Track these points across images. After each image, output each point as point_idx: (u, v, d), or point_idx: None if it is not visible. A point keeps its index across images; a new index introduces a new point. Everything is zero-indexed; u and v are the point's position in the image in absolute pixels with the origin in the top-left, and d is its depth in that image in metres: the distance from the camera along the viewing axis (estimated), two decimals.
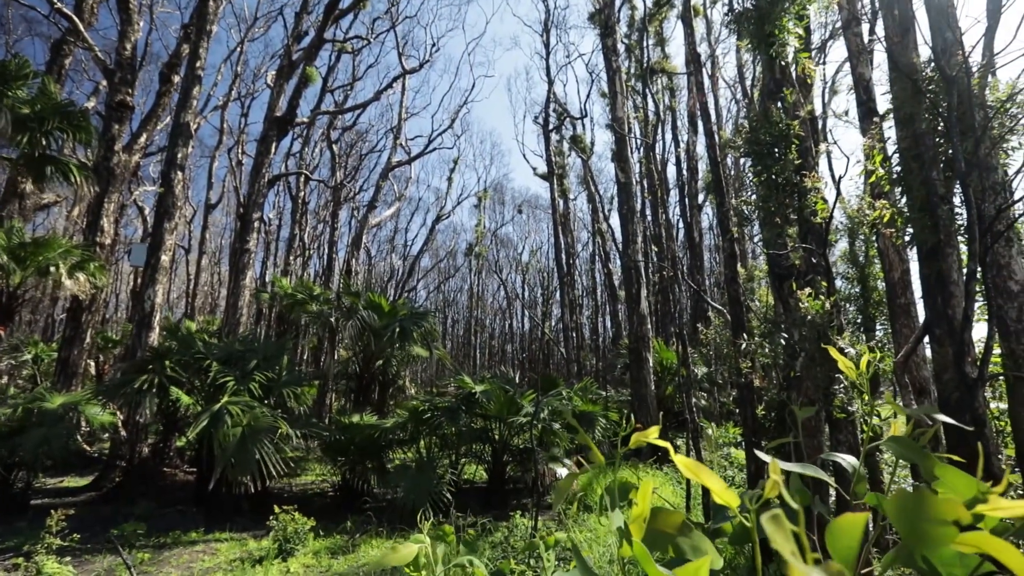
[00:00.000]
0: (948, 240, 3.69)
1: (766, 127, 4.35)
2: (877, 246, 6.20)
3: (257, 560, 5.58)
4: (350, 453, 8.45)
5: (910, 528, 0.49)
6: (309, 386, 9.91)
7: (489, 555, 5.10)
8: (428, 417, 8.54)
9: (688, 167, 17.18)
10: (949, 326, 3.44)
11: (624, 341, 13.89)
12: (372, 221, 23.74)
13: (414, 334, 11.26)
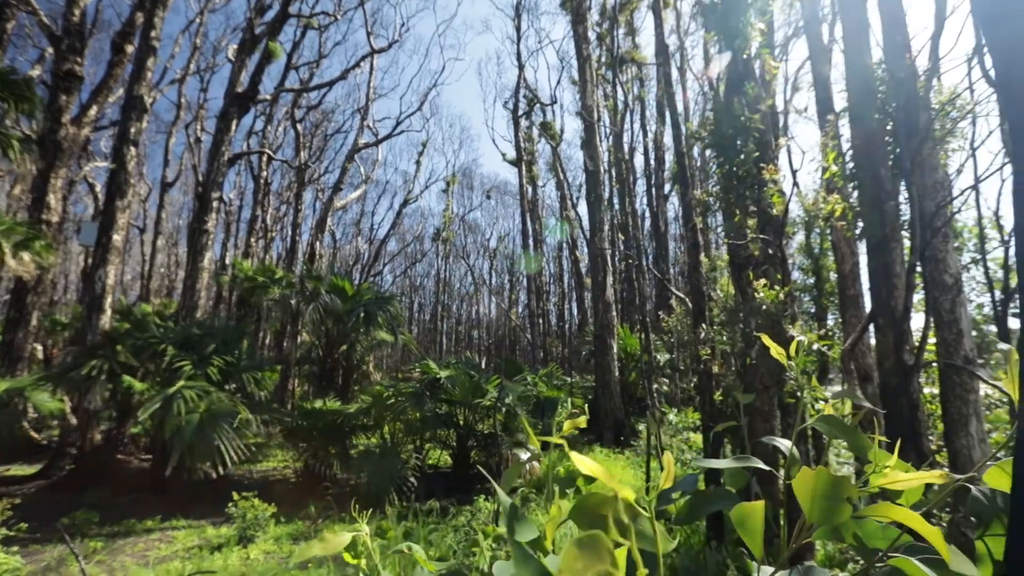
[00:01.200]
0: (893, 235, 3.89)
1: (729, 120, 4.46)
2: (831, 239, 6.48)
3: (216, 547, 5.50)
4: (313, 439, 8.38)
5: (810, 504, 0.54)
6: (271, 371, 9.72)
7: (451, 539, 5.17)
8: (392, 402, 8.53)
9: (656, 157, 17.42)
10: (891, 316, 3.65)
11: (589, 328, 14.12)
12: (337, 203, 23.22)
13: (379, 319, 11.16)
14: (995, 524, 0.82)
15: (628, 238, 11.02)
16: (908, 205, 3.80)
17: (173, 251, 33.23)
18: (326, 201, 21.79)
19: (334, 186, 21.61)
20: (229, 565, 5.02)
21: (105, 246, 9.11)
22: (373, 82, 23.29)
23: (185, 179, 30.43)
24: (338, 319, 11.53)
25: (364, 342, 13.20)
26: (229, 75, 12.43)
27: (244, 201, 29.60)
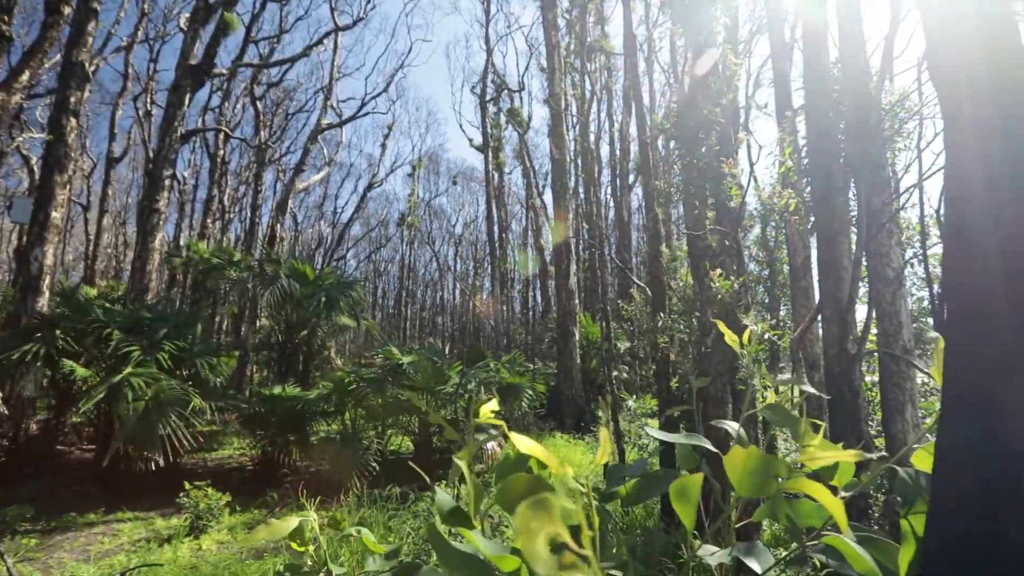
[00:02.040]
0: (842, 229, 4.05)
1: (691, 113, 4.53)
2: (785, 232, 6.71)
3: (165, 539, 5.32)
4: (271, 425, 8.19)
5: (740, 479, 0.56)
6: (227, 356, 9.41)
7: (411, 524, 5.16)
8: (353, 388, 8.43)
9: (621, 148, 17.58)
10: (837, 307, 3.81)
11: (553, 316, 14.25)
12: (299, 185, 22.50)
13: (341, 304, 10.94)
14: (919, 503, 0.87)
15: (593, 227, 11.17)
16: (856, 201, 3.96)
17: (121, 231, 31.54)
18: (287, 182, 21.08)
19: (296, 167, 20.92)
20: (179, 557, 4.86)
21: (43, 224, 8.55)
22: (337, 61, 22.57)
23: (134, 155, 28.88)
24: (298, 304, 11.24)
25: (325, 327, 12.94)
26: (181, 46, 11.79)
27: (200, 180, 28.35)
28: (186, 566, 4.63)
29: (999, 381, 0.77)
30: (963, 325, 0.84)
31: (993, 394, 0.78)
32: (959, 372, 0.80)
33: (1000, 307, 0.82)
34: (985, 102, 0.84)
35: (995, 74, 0.84)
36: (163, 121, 11.12)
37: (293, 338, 12.71)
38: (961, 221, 0.85)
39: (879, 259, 3.97)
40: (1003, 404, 0.77)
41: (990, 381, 0.78)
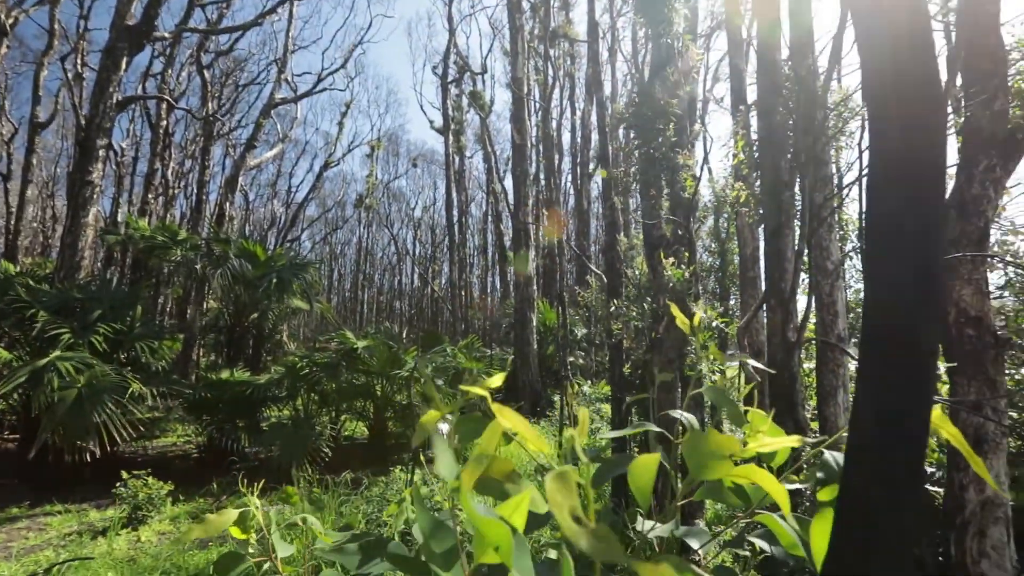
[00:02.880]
0: (787, 222, 4.21)
1: (650, 103, 4.57)
2: (736, 224, 6.93)
3: (100, 532, 5.06)
4: (219, 411, 7.91)
5: (695, 461, 0.56)
6: (171, 340, 8.98)
7: (364, 509, 5.11)
8: (306, 373, 8.23)
9: (582, 136, 17.64)
10: (780, 297, 3.98)
11: (511, 301, 14.29)
12: (251, 162, 21.49)
13: (294, 286, 10.59)
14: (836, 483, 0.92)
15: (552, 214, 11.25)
16: (801, 196, 4.12)
17: (49, 203, 29.35)
18: (238, 158, 20.08)
19: (247, 143, 19.94)
20: (115, 550, 4.63)
21: None
22: (292, 32, 21.53)
23: (63, 121, 26.82)
24: (249, 285, 10.80)
25: (277, 310, 12.53)
26: (116, 4, 10.94)
27: (140, 152, 26.60)
28: (123, 559, 4.42)
29: (904, 368, 0.84)
30: (877, 314, 0.89)
31: (897, 379, 0.85)
32: (871, 358, 0.86)
33: (909, 298, 0.88)
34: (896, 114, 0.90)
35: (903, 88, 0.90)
36: (96, 86, 10.33)
37: (243, 321, 12.25)
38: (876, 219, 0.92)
39: (820, 252, 4.16)
40: (906, 389, 0.84)
41: (896, 368, 0.84)
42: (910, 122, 0.93)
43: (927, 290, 0.89)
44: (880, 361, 0.88)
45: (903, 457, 0.84)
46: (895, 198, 0.96)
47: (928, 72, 0.93)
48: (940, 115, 0.96)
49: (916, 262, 0.90)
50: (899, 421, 0.84)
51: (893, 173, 0.96)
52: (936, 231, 0.97)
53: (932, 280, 0.95)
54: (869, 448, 0.85)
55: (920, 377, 0.86)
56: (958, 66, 4.03)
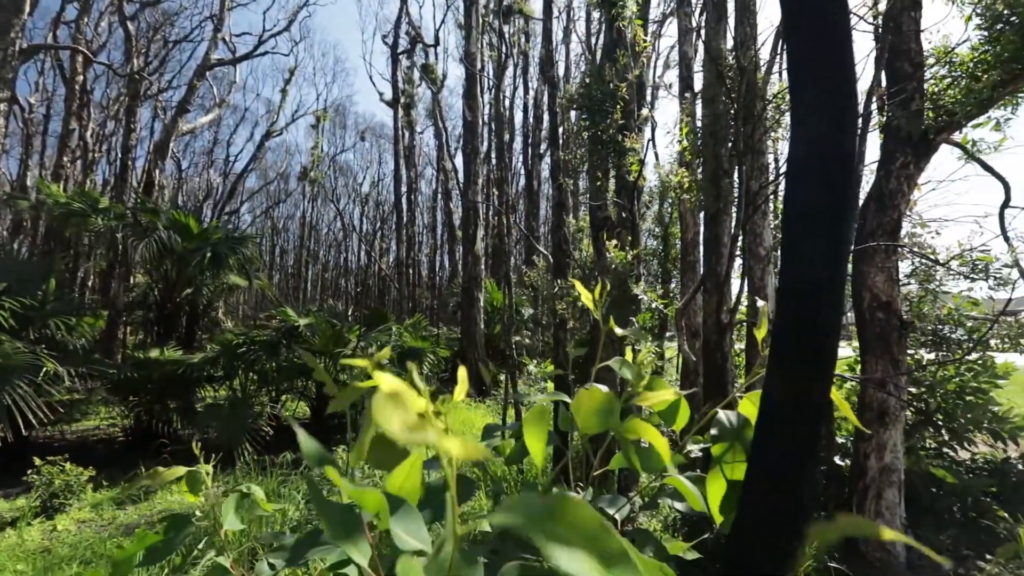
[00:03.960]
0: (725, 209, 4.39)
1: (599, 84, 4.61)
2: (679, 209, 7.16)
3: (8, 522, 4.71)
4: (147, 392, 7.48)
5: (581, 417, 0.59)
6: (92, 317, 8.37)
7: (304, 490, 5.02)
8: (244, 352, 7.92)
9: (535, 116, 17.59)
10: (716, 281, 4.17)
11: (458, 280, 14.21)
12: (184, 127, 20.05)
13: (230, 261, 10.08)
14: (736, 443, 0.99)
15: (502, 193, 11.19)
16: (739, 183, 4.30)
17: None
18: (169, 122, 18.67)
19: (179, 105, 18.55)
20: (27, 541, 4.33)
21: None
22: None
23: None
24: (180, 259, 10.17)
25: (212, 286, 11.90)
26: None
27: (53, 110, 24.25)
28: (35, 550, 4.14)
29: (810, 348, 0.92)
30: (788, 297, 0.97)
31: (804, 358, 0.93)
32: (782, 338, 0.93)
33: (817, 282, 0.95)
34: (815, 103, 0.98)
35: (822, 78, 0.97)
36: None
37: (174, 297, 11.56)
38: (792, 205, 1.00)
39: (754, 238, 4.38)
40: (810, 367, 0.93)
41: (803, 347, 0.92)
42: (825, 112, 1.00)
43: (834, 275, 0.97)
44: (789, 341, 0.96)
45: (806, 427, 0.92)
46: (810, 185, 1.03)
47: (845, 65, 0.99)
48: (852, 107, 1.03)
49: (825, 249, 0.98)
50: (804, 395, 0.92)
51: (809, 161, 1.03)
52: (847, 218, 1.05)
53: (839, 266, 1.04)
54: (777, 419, 0.93)
55: (823, 355, 0.94)
56: (883, 66, 4.30)
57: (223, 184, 33.13)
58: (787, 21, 1.03)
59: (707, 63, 4.83)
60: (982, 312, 4.28)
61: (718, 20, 5.04)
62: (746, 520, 0.89)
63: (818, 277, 0.95)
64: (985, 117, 3.96)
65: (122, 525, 4.71)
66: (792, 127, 1.03)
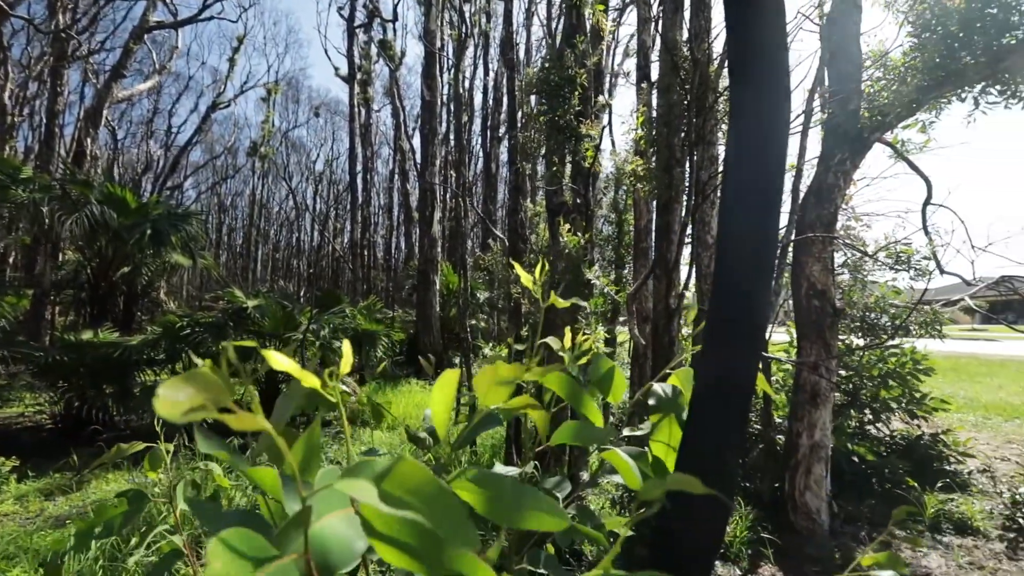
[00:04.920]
0: (676, 197, 4.52)
1: (558, 69, 4.62)
2: (633, 197, 7.30)
3: None
4: (80, 376, 7.07)
5: (481, 390, 0.62)
6: (14, 296, 7.82)
7: None
8: (188, 334, 7.60)
9: (494, 98, 17.41)
10: (665, 267, 4.30)
11: (414, 263, 14.05)
12: (119, 93, 18.71)
13: (172, 238, 9.58)
14: (671, 416, 1.06)
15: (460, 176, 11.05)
16: (689, 173, 4.43)
17: None
18: (101, 87, 17.35)
19: (113, 69, 17.28)
20: None
21: None
22: None
23: None
24: (116, 236, 9.57)
25: (153, 265, 11.29)
26: None
27: None
28: None
29: (740, 330, 0.99)
30: (722, 282, 1.03)
31: (737, 336, 1.00)
32: (715, 321, 1.00)
33: (749, 268, 1.02)
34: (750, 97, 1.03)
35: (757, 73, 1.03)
36: None
37: (109, 276, 10.88)
38: (727, 195, 1.06)
39: (702, 226, 4.54)
40: (740, 348, 1.00)
41: (734, 330, 0.99)
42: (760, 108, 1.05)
43: (762, 261, 1.03)
44: (721, 322, 1.02)
45: (735, 403, 0.99)
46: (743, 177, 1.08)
47: (779, 64, 1.05)
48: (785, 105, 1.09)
49: (758, 235, 1.04)
50: (733, 374, 0.99)
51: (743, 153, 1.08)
52: (775, 208, 1.11)
53: (767, 253, 1.10)
54: (708, 395, 0.99)
55: (752, 338, 1.01)
56: (825, 66, 4.50)
57: (164, 157, 31.30)
58: (727, 20, 1.07)
59: (663, 53, 4.91)
60: (904, 301, 4.62)
61: (675, 11, 5.12)
62: (673, 495, 0.95)
63: (748, 263, 1.02)
64: (913, 119, 4.23)
65: (51, 517, 4.47)
66: (730, 120, 1.08)
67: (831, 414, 4.09)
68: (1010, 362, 13.16)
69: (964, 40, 3.59)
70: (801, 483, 3.96)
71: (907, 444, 4.65)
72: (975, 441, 5.63)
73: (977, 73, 3.59)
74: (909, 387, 4.69)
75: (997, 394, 8.79)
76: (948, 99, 4.11)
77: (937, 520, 3.73)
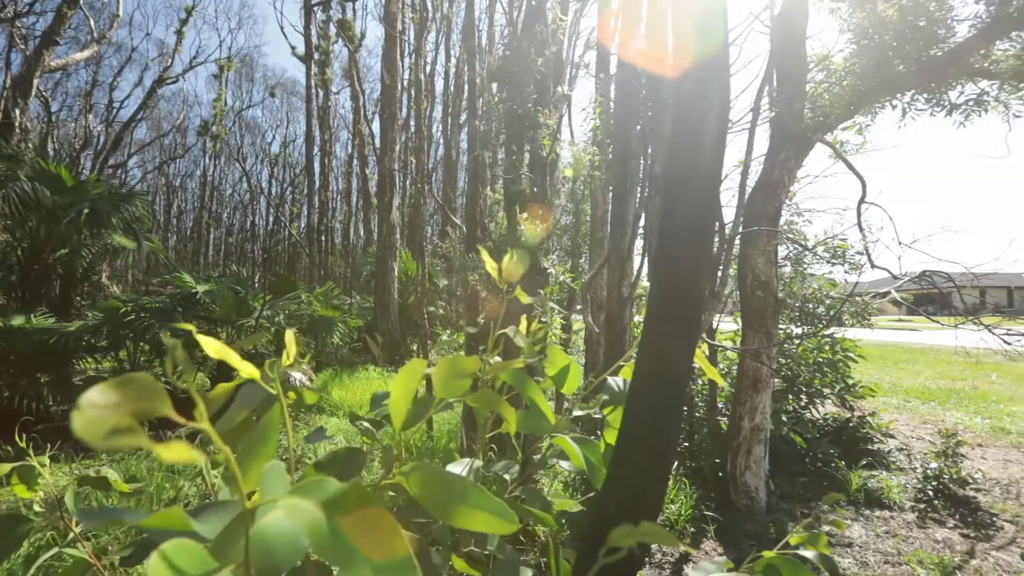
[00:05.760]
0: (631, 188, 4.64)
1: (518, 58, 4.63)
2: (591, 187, 7.42)
3: None
4: (10, 364, 6.69)
5: (440, 382, 0.65)
6: None
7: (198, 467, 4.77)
8: (132, 319, 7.29)
9: (455, 84, 17.20)
10: (619, 257, 4.42)
11: (373, 249, 13.83)
12: (52, 62, 17.44)
13: (114, 220, 9.11)
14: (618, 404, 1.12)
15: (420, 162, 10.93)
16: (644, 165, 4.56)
17: None
18: (31, 54, 16.13)
19: (44, 35, 16.07)
20: None
21: None
22: None
23: None
24: (50, 215, 9.01)
25: (93, 247, 10.68)
26: None
27: None
28: None
29: (677, 317, 1.05)
30: (661, 269, 1.09)
31: (674, 321, 1.06)
32: (655, 309, 1.06)
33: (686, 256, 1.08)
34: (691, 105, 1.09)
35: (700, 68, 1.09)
36: None
37: (43, 258, 10.24)
38: (666, 186, 1.12)
39: (655, 218, 4.68)
40: (678, 331, 1.06)
41: (671, 317, 1.05)
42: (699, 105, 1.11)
43: (699, 249, 1.10)
44: (660, 308, 1.08)
45: (672, 386, 1.05)
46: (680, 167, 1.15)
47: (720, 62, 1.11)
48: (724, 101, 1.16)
49: (696, 223, 1.10)
50: (670, 360, 1.05)
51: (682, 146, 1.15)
52: (713, 197, 1.18)
53: (706, 241, 1.17)
54: (647, 379, 1.05)
55: (689, 324, 1.07)
56: (774, 66, 4.68)
57: (105, 133, 29.50)
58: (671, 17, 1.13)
59: (621, 45, 5.00)
60: (839, 292, 4.92)
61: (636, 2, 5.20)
62: (615, 470, 1.01)
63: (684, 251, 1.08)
64: (851, 121, 4.48)
65: None
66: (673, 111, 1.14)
67: (771, 399, 4.33)
68: (929, 350, 14.23)
69: (897, 49, 3.82)
70: (742, 463, 4.18)
71: (837, 427, 4.97)
72: (896, 423, 6.08)
73: (907, 81, 3.83)
74: (841, 375, 5.01)
75: (917, 379, 9.51)
76: (882, 104, 4.36)
77: (860, 495, 4.03)
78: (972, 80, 3.70)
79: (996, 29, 3.27)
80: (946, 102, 3.83)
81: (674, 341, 1.04)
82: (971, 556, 3.15)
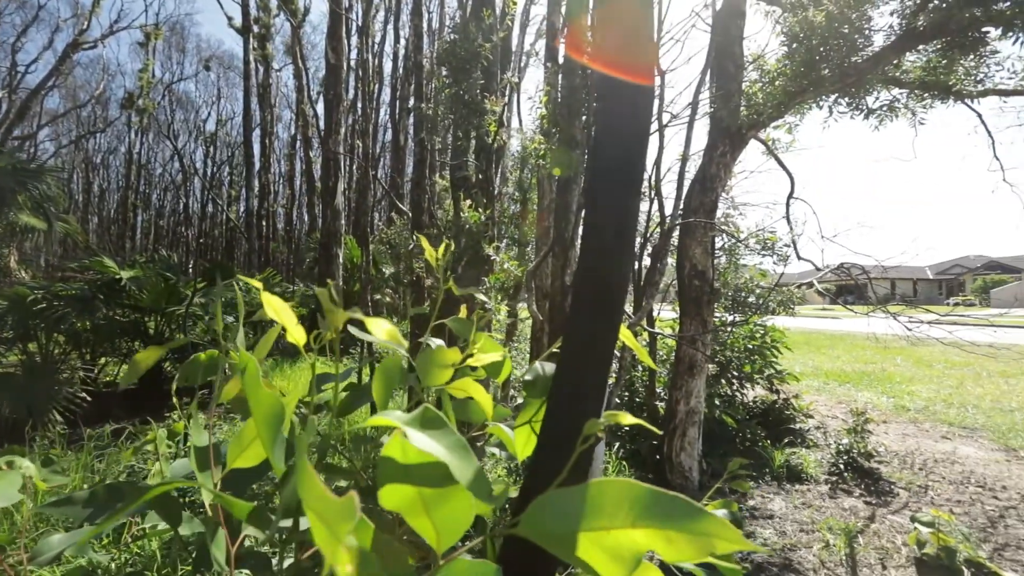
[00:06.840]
0: (574, 178, 4.71)
1: (465, 43, 4.58)
2: (538, 176, 7.47)
3: None
4: None
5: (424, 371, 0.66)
6: None
7: (127, 461, 4.50)
8: (44, 308, 6.71)
9: (404, 67, 16.79)
10: (563, 245, 4.50)
11: (317, 235, 13.36)
12: None
13: (19, 198, 8.34)
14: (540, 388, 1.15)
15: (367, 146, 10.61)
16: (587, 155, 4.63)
17: None
18: None
19: None
20: None
21: None
22: None
23: None
24: None
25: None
26: None
27: None
28: None
29: (600, 303, 1.08)
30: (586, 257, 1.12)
31: (598, 304, 1.09)
32: (579, 295, 1.09)
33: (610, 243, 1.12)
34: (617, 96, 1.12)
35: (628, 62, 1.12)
36: None
37: None
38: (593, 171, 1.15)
39: None
40: (601, 314, 1.09)
41: (595, 303, 1.08)
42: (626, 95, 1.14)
43: (622, 236, 1.13)
44: (584, 292, 1.11)
45: (595, 368, 1.08)
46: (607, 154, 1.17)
47: (646, 57, 1.14)
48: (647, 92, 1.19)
49: (619, 212, 1.14)
50: (593, 345, 1.08)
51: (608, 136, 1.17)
52: (636, 189, 1.22)
53: (628, 229, 1.21)
54: (571, 362, 1.07)
55: (611, 310, 1.11)
56: (712, 63, 4.86)
57: (9, 100, 26.85)
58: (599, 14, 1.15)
59: (568, 35, 5.03)
60: (768, 282, 5.22)
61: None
62: (537, 454, 1.04)
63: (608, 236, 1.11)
64: (782, 121, 4.72)
65: None
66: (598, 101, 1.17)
67: (705, 383, 4.56)
68: (847, 336, 15.55)
69: (823, 54, 4.05)
70: (678, 445, 4.39)
71: (764, 408, 5.30)
72: (815, 403, 6.57)
73: (832, 85, 4.08)
74: (769, 361, 5.34)
75: (835, 363, 10.31)
76: (809, 105, 4.63)
77: (783, 471, 4.33)
78: (886, 87, 3.99)
79: (906, 42, 3.54)
80: (864, 106, 4.11)
81: (598, 325, 1.08)
82: (871, 520, 3.47)
